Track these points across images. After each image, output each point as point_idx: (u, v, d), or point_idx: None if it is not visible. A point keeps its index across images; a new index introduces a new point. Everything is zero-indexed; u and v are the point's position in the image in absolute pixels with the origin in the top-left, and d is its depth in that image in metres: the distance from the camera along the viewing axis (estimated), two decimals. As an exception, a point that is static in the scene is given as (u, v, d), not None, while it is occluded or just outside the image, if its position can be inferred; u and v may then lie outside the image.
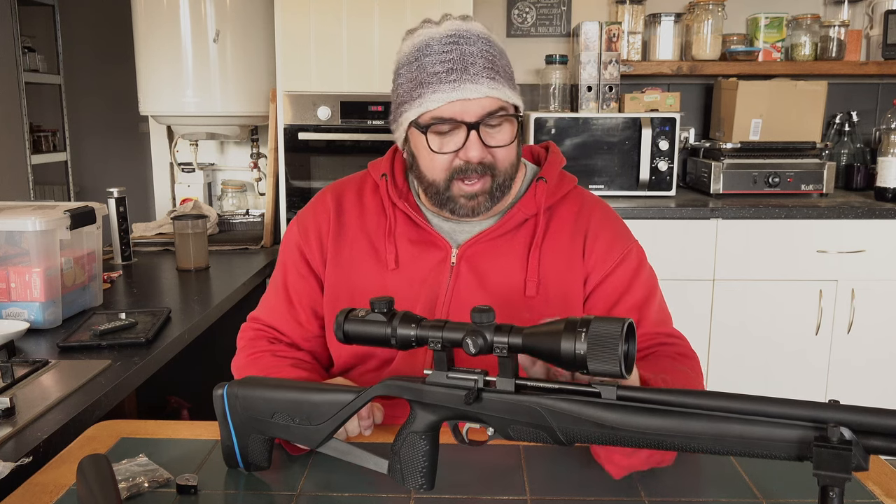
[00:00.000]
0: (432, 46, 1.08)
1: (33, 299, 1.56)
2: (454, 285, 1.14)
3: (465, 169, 1.09)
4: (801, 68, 2.93)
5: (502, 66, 1.10)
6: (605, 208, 1.22)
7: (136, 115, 2.98)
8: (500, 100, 1.08)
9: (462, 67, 1.06)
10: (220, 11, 2.62)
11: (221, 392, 0.93)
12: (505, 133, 1.10)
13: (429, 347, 0.81)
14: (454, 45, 1.07)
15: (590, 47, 2.76)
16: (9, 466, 0.94)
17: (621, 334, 0.71)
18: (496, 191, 1.12)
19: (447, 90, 1.05)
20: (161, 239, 2.52)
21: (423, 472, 0.84)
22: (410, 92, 1.09)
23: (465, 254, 1.15)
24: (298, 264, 1.22)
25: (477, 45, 1.08)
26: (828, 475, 0.63)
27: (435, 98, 1.06)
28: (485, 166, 1.09)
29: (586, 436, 0.75)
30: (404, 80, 1.11)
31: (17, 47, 3.86)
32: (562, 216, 1.17)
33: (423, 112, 1.08)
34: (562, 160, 1.23)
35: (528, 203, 1.16)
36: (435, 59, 1.07)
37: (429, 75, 1.07)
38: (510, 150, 1.11)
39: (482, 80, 1.06)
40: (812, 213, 2.52)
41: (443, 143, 1.09)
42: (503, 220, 1.16)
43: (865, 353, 2.60)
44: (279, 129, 2.49)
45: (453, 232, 1.18)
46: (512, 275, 1.14)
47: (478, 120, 1.07)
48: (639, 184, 2.67)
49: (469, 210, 1.12)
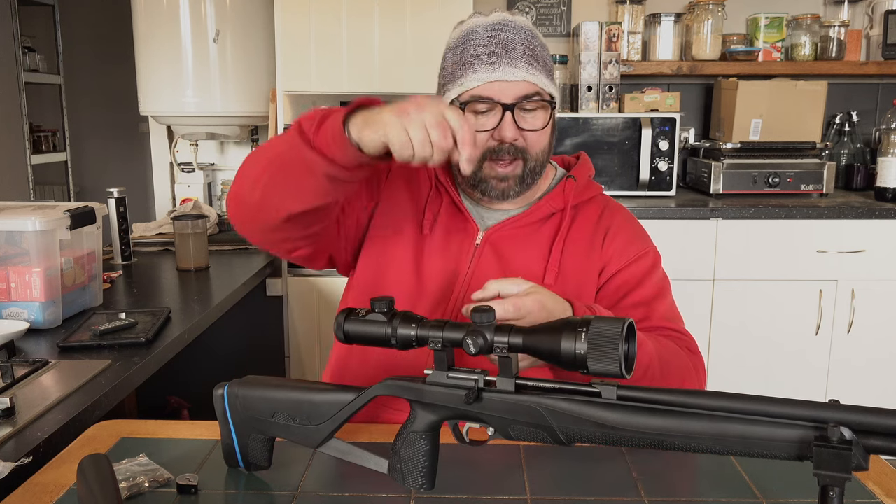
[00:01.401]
0: (478, 32, 1.14)
1: (33, 299, 1.56)
2: (476, 265, 1.19)
3: (498, 150, 1.14)
4: (801, 68, 2.93)
5: (542, 57, 1.15)
6: (629, 214, 1.27)
7: (136, 115, 2.98)
8: (536, 85, 1.13)
9: (503, 52, 1.12)
10: (220, 11, 2.62)
11: (221, 392, 0.93)
12: (539, 118, 1.15)
13: (429, 347, 0.81)
14: (499, 31, 1.13)
15: (590, 47, 2.76)
16: (9, 466, 0.94)
17: (621, 334, 0.71)
18: (527, 176, 1.16)
19: (488, 71, 1.11)
20: (161, 239, 2.52)
21: (424, 472, 0.84)
22: (454, 73, 1.15)
23: (490, 237, 1.20)
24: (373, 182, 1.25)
25: (520, 34, 1.14)
26: (828, 475, 0.63)
27: (475, 78, 1.12)
28: (517, 149, 1.14)
29: (586, 436, 0.75)
30: (449, 63, 1.17)
31: (17, 47, 3.86)
32: (586, 215, 1.22)
33: (463, 91, 1.13)
34: (591, 169, 1.28)
35: (556, 197, 1.21)
36: (479, 42, 1.13)
37: (472, 57, 1.13)
38: (542, 135, 1.16)
39: (521, 64, 1.11)
40: (812, 213, 2.52)
41: (479, 122, 1.14)
42: (531, 210, 1.21)
43: (865, 352, 2.60)
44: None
45: (482, 215, 1.23)
46: (532, 262, 1.18)
47: (514, 102, 1.12)
48: (639, 184, 2.67)
49: (500, 192, 1.17)
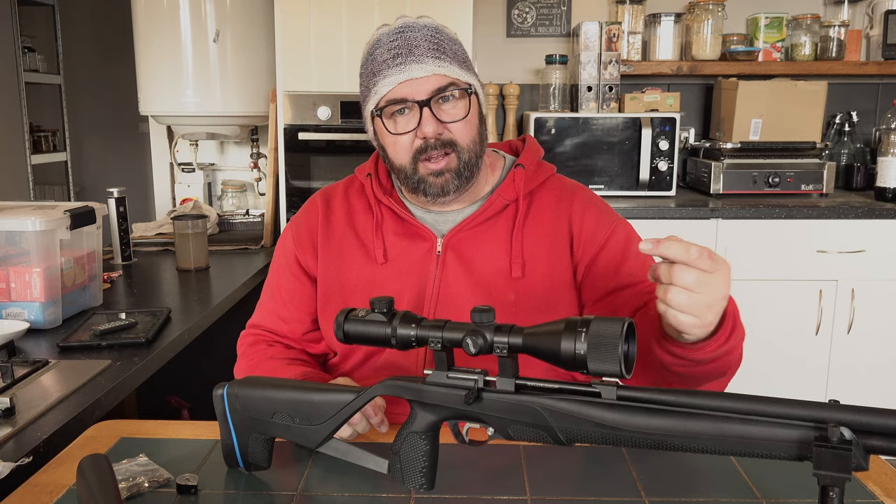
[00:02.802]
0: (382, 41, 1.14)
1: (33, 299, 1.56)
2: (441, 274, 1.17)
3: (425, 147, 1.13)
4: (801, 68, 2.93)
5: (450, 49, 1.14)
6: (585, 191, 1.25)
7: (136, 115, 2.98)
8: (447, 76, 1.12)
9: (407, 51, 1.11)
10: (220, 11, 2.62)
11: (221, 392, 0.93)
12: (459, 108, 1.13)
13: (429, 347, 0.81)
14: (400, 34, 1.13)
15: (590, 47, 2.76)
16: (9, 466, 0.94)
17: (621, 334, 0.71)
18: (464, 169, 1.15)
19: (395, 73, 1.11)
20: (161, 239, 2.52)
21: (423, 472, 0.84)
22: (367, 86, 1.15)
23: (449, 242, 1.18)
24: (293, 268, 1.26)
25: (422, 32, 1.13)
26: (828, 475, 0.63)
27: (386, 83, 1.11)
28: (444, 143, 1.13)
29: (586, 436, 0.75)
30: (363, 79, 1.17)
31: (17, 47, 3.86)
32: (542, 200, 1.21)
33: (379, 98, 1.13)
34: (539, 150, 1.27)
35: (507, 189, 1.20)
36: (384, 49, 1.13)
37: (379, 64, 1.13)
38: (467, 124, 1.14)
39: (427, 59, 1.11)
40: (812, 213, 2.52)
41: (400, 125, 1.13)
42: (484, 207, 1.19)
43: (865, 353, 2.60)
44: (279, 129, 2.49)
45: (437, 223, 1.21)
46: (497, 259, 1.17)
47: (428, 97, 1.11)
48: (639, 184, 2.67)
49: (438, 188, 1.15)
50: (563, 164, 2.60)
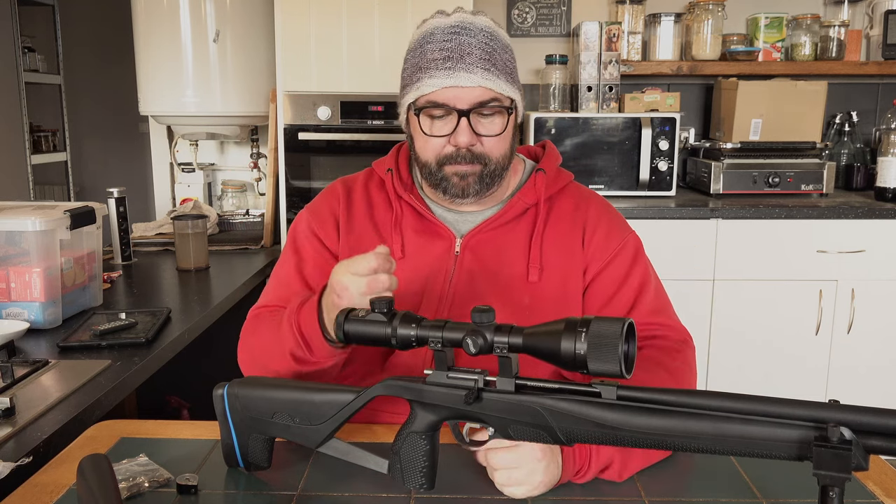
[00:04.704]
0: (435, 35, 1.12)
1: (33, 299, 1.56)
2: (458, 274, 1.17)
3: (455, 156, 1.12)
4: (801, 68, 2.93)
5: (501, 60, 1.13)
6: (602, 201, 1.26)
7: (136, 115, 2.98)
8: (493, 91, 1.11)
9: (458, 56, 1.10)
10: (220, 11, 2.62)
11: (221, 392, 0.93)
12: (496, 124, 1.13)
13: (429, 347, 0.81)
14: (455, 35, 1.11)
15: (590, 47, 2.76)
16: (9, 466, 0.94)
17: (621, 334, 0.71)
18: (486, 177, 1.14)
19: (442, 76, 1.10)
20: (161, 239, 2.52)
21: (424, 472, 0.84)
22: (411, 76, 1.14)
23: (468, 243, 1.18)
24: (315, 245, 1.22)
25: (477, 38, 1.11)
26: (828, 475, 0.63)
27: (431, 83, 1.10)
28: (474, 155, 1.12)
29: (587, 436, 0.75)
30: (408, 66, 1.16)
31: (17, 47, 3.86)
32: (561, 207, 1.21)
33: (419, 95, 1.12)
34: (558, 157, 1.27)
35: (528, 192, 1.20)
36: (436, 46, 1.11)
37: (428, 61, 1.11)
38: (501, 140, 1.14)
39: (476, 69, 1.09)
40: (812, 213, 2.52)
41: (435, 127, 1.13)
42: (505, 209, 1.19)
43: (865, 353, 2.60)
44: (279, 129, 2.49)
45: (457, 222, 1.21)
46: (515, 262, 1.17)
47: (469, 108, 1.10)
48: (639, 184, 2.67)
49: (459, 190, 1.14)
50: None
